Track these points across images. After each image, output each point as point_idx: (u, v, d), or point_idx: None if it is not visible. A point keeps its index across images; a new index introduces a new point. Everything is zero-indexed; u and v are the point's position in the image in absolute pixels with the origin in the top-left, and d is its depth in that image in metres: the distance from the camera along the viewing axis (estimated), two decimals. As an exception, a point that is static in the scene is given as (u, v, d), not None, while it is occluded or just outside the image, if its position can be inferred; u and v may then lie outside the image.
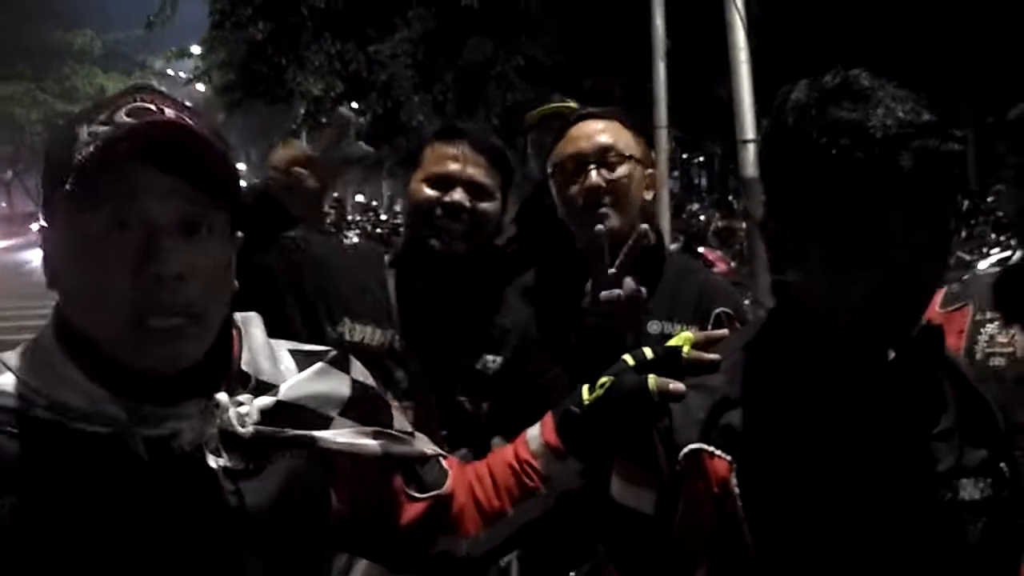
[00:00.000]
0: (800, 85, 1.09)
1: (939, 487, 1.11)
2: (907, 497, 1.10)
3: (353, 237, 16.53)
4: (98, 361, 0.99)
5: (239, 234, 1.09)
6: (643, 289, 1.50)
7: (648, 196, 1.99)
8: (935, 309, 1.53)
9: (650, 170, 2.01)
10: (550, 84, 12.74)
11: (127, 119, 0.97)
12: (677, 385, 1.19)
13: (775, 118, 1.10)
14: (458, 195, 1.82)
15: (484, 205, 1.86)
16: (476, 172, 1.86)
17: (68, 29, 48.11)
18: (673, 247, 6.69)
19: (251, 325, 1.15)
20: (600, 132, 1.95)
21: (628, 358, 1.27)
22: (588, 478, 1.28)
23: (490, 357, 1.88)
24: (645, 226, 1.60)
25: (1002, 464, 1.17)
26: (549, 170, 1.99)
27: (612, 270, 1.54)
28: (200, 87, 18.39)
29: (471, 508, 1.30)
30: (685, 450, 1.12)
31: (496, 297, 1.98)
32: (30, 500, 0.94)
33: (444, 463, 1.32)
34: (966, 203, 12.99)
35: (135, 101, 0.99)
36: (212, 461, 1.01)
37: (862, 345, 1.10)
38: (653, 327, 1.88)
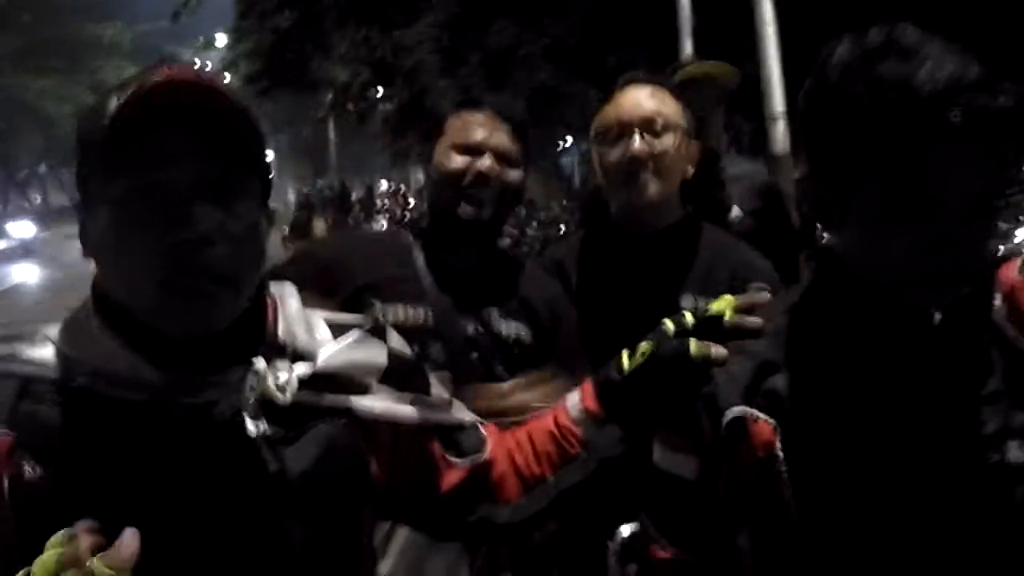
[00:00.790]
0: (844, 42, 1.05)
1: (986, 449, 1.09)
2: (954, 459, 1.08)
3: (383, 222, 16.59)
4: (136, 330, 0.99)
5: (272, 206, 1.09)
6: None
7: (690, 170, 1.96)
8: (1015, 276, 1.49)
9: (695, 143, 1.98)
10: (576, 65, 12.67)
11: (156, 81, 0.96)
12: (719, 349, 1.18)
13: (817, 76, 1.07)
14: (488, 161, 1.81)
15: (511, 172, 1.85)
16: (503, 140, 1.84)
17: (98, 22, 48.53)
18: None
19: (286, 294, 1.15)
20: (647, 98, 1.91)
21: (669, 324, 1.26)
22: (629, 445, 1.28)
23: (521, 328, 1.87)
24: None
25: None
26: (592, 135, 1.97)
27: None
28: (227, 77, 18.52)
29: (511, 475, 1.30)
30: (729, 415, 1.11)
31: (518, 268, 1.96)
32: (71, 468, 0.96)
33: (483, 430, 1.32)
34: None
35: (162, 72, 0.98)
36: (251, 428, 1.02)
37: (907, 307, 1.08)
38: (687, 302, 1.87)
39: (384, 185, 27.42)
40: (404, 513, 1.30)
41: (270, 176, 1.07)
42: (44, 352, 1.01)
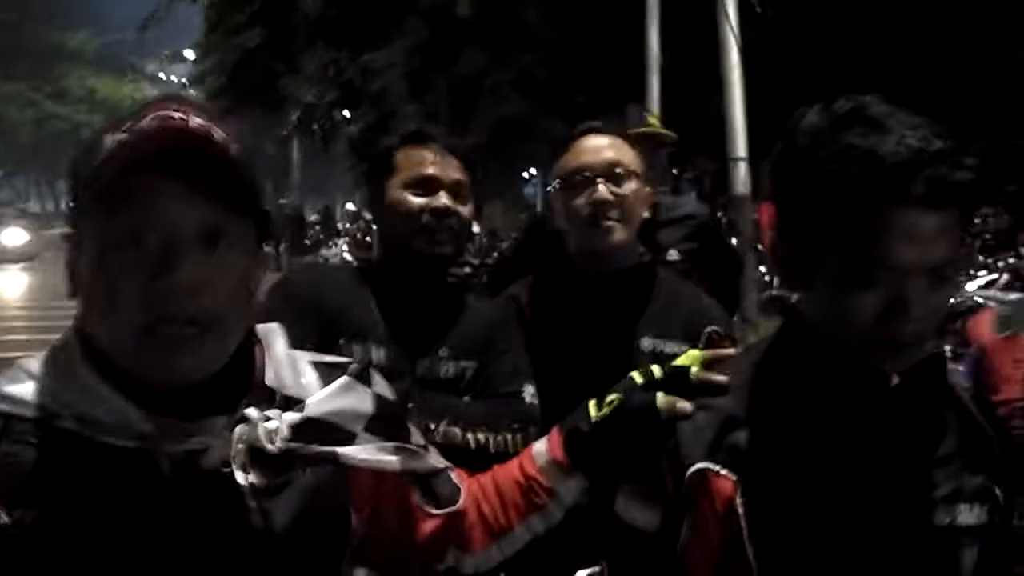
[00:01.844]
0: (813, 110, 1.09)
1: (938, 511, 1.12)
2: (907, 520, 1.11)
3: (343, 245, 16.52)
4: (121, 374, 0.97)
5: (267, 249, 1.08)
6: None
7: (646, 214, 2.01)
8: (989, 333, 1.53)
9: (648, 188, 2.03)
10: (543, 97, 12.79)
11: (152, 126, 0.95)
12: (685, 404, 1.19)
13: (786, 142, 1.10)
14: (444, 199, 1.82)
15: (464, 207, 1.86)
16: (455, 175, 1.86)
17: (63, 30, 48.10)
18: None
19: (273, 338, 1.13)
20: (607, 147, 1.97)
21: (636, 376, 1.27)
22: (594, 494, 1.28)
23: (468, 364, 1.86)
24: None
25: (997, 490, 1.17)
26: (555, 183, 2.00)
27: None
28: (193, 92, 18.39)
29: (478, 524, 1.30)
30: (692, 469, 1.12)
31: (463, 301, 1.97)
32: (46, 515, 0.92)
33: (455, 477, 1.31)
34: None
35: (162, 109, 0.97)
36: (241, 478, 0.99)
37: (866, 369, 1.11)
38: (645, 343, 1.90)
39: (350, 206, 27.37)
40: (378, 561, 1.27)
41: (267, 218, 1.06)
42: (22, 389, 0.97)
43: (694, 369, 1.22)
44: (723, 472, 1.11)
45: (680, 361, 1.26)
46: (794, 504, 1.09)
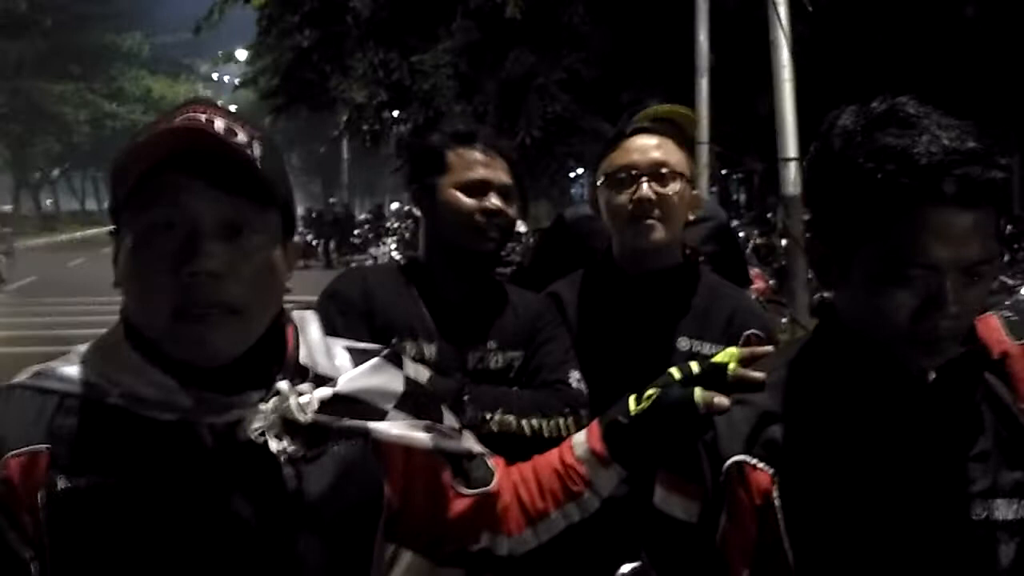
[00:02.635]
0: (847, 111, 1.12)
1: (974, 506, 1.13)
2: (943, 514, 1.12)
3: (392, 243, 16.64)
4: (161, 354, 1.05)
5: (295, 239, 1.15)
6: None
7: (691, 216, 2.03)
8: (1005, 340, 1.52)
9: (696, 191, 2.05)
10: (591, 97, 12.75)
11: (178, 126, 1.04)
12: (722, 399, 1.22)
13: (822, 142, 1.14)
14: (496, 200, 1.90)
15: (511, 208, 1.94)
16: (504, 176, 1.94)
17: (117, 32, 48.89)
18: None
19: (308, 323, 1.21)
20: (655, 147, 1.98)
21: (675, 371, 1.30)
22: (631, 485, 1.32)
23: (515, 355, 1.93)
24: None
25: None
26: (600, 178, 2.03)
27: None
28: (245, 91, 18.63)
29: (515, 508, 1.35)
30: (729, 462, 1.16)
31: (504, 295, 2.03)
32: (100, 482, 1.01)
33: (490, 462, 1.37)
34: (1009, 228, 12.81)
35: (189, 111, 1.06)
36: (274, 445, 1.08)
37: (902, 365, 1.13)
38: (682, 344, 1.92)
39: (395, 205, 27.54)
40: (410, 537, 1.34)
41: (291, 210, 1.13)
42: (76, 370, 1.08)
43: (731, 366, 1.26)
44: (760, 465, 1.14)
45: (718, 358, 1.29)
46: (830, 498, 1.12)
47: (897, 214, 1.04)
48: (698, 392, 1.24)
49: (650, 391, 1.31)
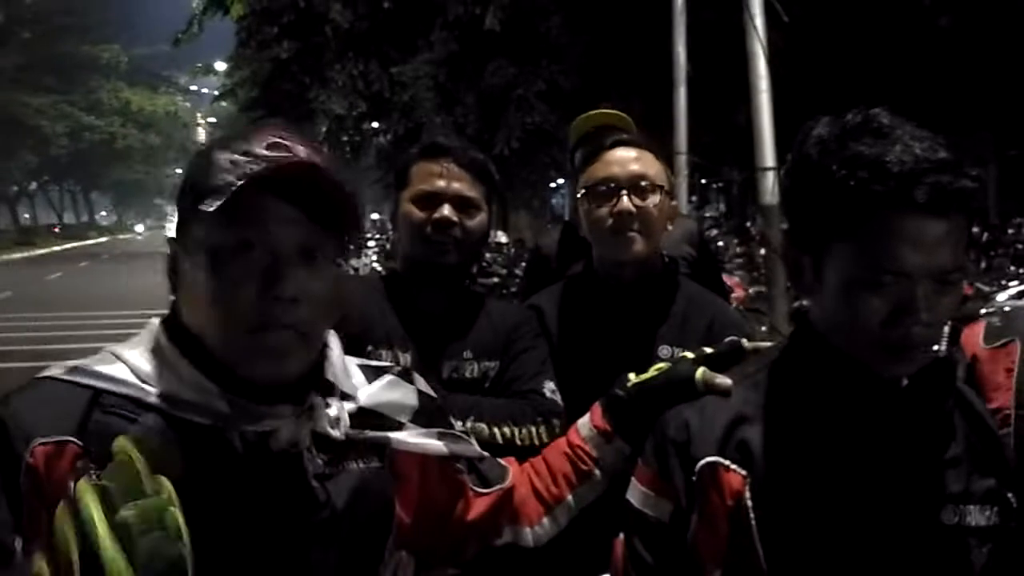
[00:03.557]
0: (823, 121, 1.15)
1: (946, 511, 1.15)
2: (915, 519, 1.14)
3: (373, 256, 16.63)
4: (209, 361, 1.08)
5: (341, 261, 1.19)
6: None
7: (669, 227, 2.05)
8: (979, 344, 1.54)
9: (674, 202, 2.07)
10: (570, 108, 12.81)
11: (264, 152, 1.07)
12: (724, 380, 1.26)
13: (798, 151, 1.16)
14: (446, 211, 1.91)
15: (471, 218, 1.94)
16: (461, 187, 1.94)
17: (96, 44, 48.70)
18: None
19: (332, 341, 1.24)
20: (634, 160, 2.01)
21: (689, 353, 1.37)
22: (634, 460, 1.33)
23: (490, 364, 1.94)
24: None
25: (1009, 494, 1.20)
26: (580, 191, 2.05)
27: None
28: (224, 104, 18.59)
29: (532, 499, 1.41)
30: (701, 463, 1.17)
31: (479, 305, 2.04)
32: None
33: (502, 461, 1.42)
34: (986, 235, 12.94)
35: (270, 135, 1.10)
36: (307, 460, 1.11)
37: (875, 372, 1.14)
38: (663, 352, 1.94)
39: (375, 216, 27.53)
40: (432, 545, 1.35)
41: (356, 234, 1.18)
42: (114, 369, 1.09)
43: (699, 372, 1.30)
44: (732, 467, 1.15)
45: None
46: (802, 501, 1.13)
47: (870, 221, 1.06)
48: (701, 370, 1.30)
49: (660, 365, 1.37)
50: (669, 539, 1.19)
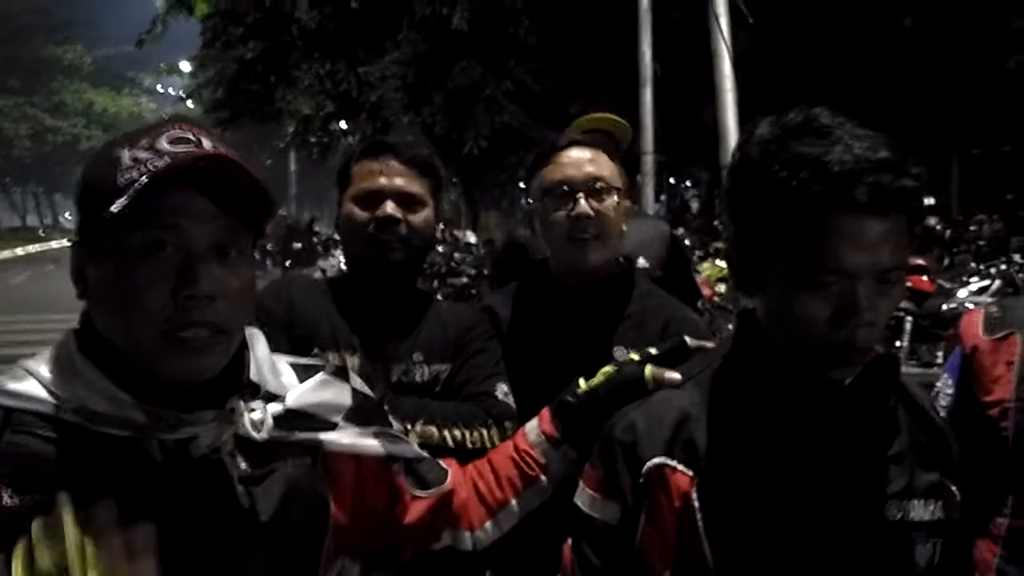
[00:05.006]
0: (764, 121, 1.15)
1: (890, 507, 1.16)
2: (859, 515, 1.15)
3: (340, 256, 16.51)
4: (123, 369, 1.04)
5: (256, 256, 1.15)
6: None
7: (624, 227, 2.04)
8: (979, 335, 1.54)
9: (627, 202, 2.06)
10: (538, 107, 12.81)
11: (168, 147, 1.03)
12: (672, 375, 1.26)
13: (740, 152, 1.16)
14: (389, 208, 1.88)
15: (415, 215, 1.92)
16: (404, 183, 1.91)
17: (58, 44, 48.03)
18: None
19: (255, 340, 1.20)
20: (589, 162, 1.99)
21: (634, 355, 1.35)
22: (581, 467, 1.32)
23: (441, 367, 1.92)
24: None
25: (953, 488, 1.22)
26: (535, 191, 2.03)
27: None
28: (189, 104, 18.41)
29: (475, 502, 1.37)
30: (649, 464, 1.17)
31: (427, 306, 2.02)
32: (50, 499, 0.96)
33: (443, 463, 1.38)
34: (948, 232, 13.11)
35: (174, 130, 1.06)
36: (229, 465, 1.08)
37: (818, 371, 1.15)
38: (619, 353, 1.90)
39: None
40: (367, 548, 1.33)
41: (262, 230, 1.14)
42: (25, 385, 1.04)
43: (647, 370, 1.30)
44: (680, 467, 1.15)
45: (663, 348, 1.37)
46: (748, 499, 1.14)
47: (811, 221, 1.07)
48: (648, 368, 1.29)
49: (607, 369, 1.36)
50: (617, 542, 1.19)
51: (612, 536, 1.20)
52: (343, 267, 2.00)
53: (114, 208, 0.98)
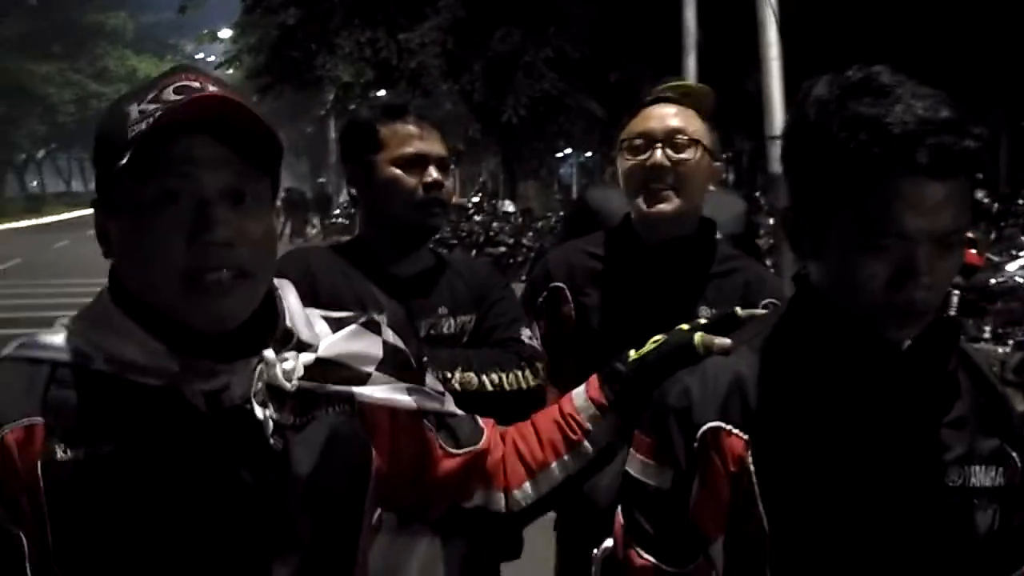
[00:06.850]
0: (822, 80, 1.11)
1: (950, 472, 1.14)
2: (918, 480, 1.13)
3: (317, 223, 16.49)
4: (154, 320, 1.05)
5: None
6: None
7: (711, 187, 2.02)
8: None
9: (717, 163, 2.04)
10: (578, 75, 12.73)
11: (175, 96, 1.03)
12: (723, 341, 1.24)
13: (797, 112, 1.13)
14: (435, 174, 1.90)
15: (448, 178, 1.95)
16: (439, 148, 1.94)
17: (102, 11, 48.51)
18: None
19: (287, 291, 1.20)
20: (672, 115, 1.97)
21: (684, 325, 1.34)
22: (626, 436, 1.32)
23: (466, 319, 1.96)
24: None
25: (1014, 454, 1.19)
26: (618, 146, 2.01)
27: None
28: (230, 71, 18.52)
29: (514, 461, 1.37)
30: (703, 428, 1.15)
31: (445, 261, 2.06)
32: (97, 452, 1.01)
33: (480, 421, 1.38)
34: (996, 205, 12.87)
35: (180, 80, 1.05)
36: (259, 412, 1.07)
37: (877, 334, 1.12)
38: (703, 313, 1.88)
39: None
40: (398, 500, 1.33)
41: (279, 177, 1.13)
42: (60, 338, 1.06)
43: (697, 336, 1.28)
44: (735, 431, 1.14)
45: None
46: (805, 464, 1.12)
47: (870, 184, 1.04)
48: (697, 336, 1.27)
49: (657, 337, 1.35)
50: (670, 507, 1.18)
51: (664, 502, 1.18)
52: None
53: (122, 161, 0.98)
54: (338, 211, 22.94)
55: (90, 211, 1.11)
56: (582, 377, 1.47)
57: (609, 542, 1.31)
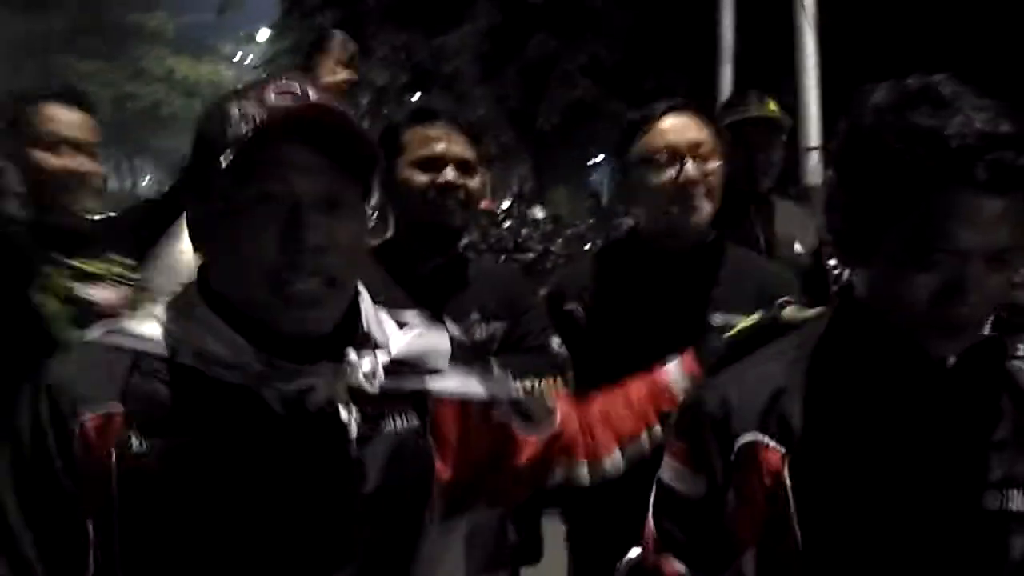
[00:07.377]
0: (881, 87, 1.09)
1: (988, 496, 1.11)
2: (956, 502, 1.11)
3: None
4: (240, 318, 1.06)
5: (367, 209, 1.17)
6: None
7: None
8: None
9: (726, 167, 2.06)
10: (613, 83, 12.70)
11: (275, 99, 1.05)
12: (811, 311, 1.31)
13: (853, 118, 1.11)
14: (450, 174, 1.91)
15: (472, 180, 1.95)
16: (461, 149, 1.94)
17: (142, 11, 49.07)
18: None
19: (362, 292, 1.21)
20: (690, 127, 1.99)
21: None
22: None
23: (497, 325, 1.98)
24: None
25: None
26: (634, 160, 2.02)
27: None
28: (266, 73, 18.68)
29: (603, 431, 1.41)
30: (741, 441, 1.14)
31: (477, 267, 2.08)
32: (178, 443, 1.02)
33: (550, 398, 1.42)
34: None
35: (282, 82, 1.08)
36: (344, 415, 1.08)
37: (921, 349, 1.11)
38: (716, 319, 1.91)
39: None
40: (476, 502, 1.33)
41: (372, 186, 1.16)
42: (148, 328, 1.08)
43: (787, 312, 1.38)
44: (772, 444, 1.13)
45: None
46: (842, 479, 1.10)
47: (925, 196, 1.02)
48: (787, 310, 1.38)
49: (751, 317, 1.43)
50: (701, 516, 1.17)
51: (696, 510, 1.17)
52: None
53: (222, 160, 1.00)
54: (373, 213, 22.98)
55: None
56: (597, 387, 1.50)
57: (635, 551, 1.30)
